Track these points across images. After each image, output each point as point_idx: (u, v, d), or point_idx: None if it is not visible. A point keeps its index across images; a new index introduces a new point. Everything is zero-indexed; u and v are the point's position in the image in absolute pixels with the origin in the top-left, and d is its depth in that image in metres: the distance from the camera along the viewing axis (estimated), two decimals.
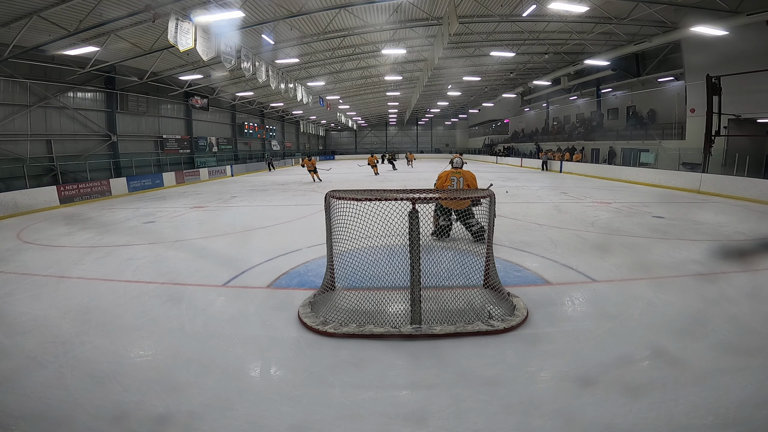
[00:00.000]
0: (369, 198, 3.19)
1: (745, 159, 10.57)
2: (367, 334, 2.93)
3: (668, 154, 14.98)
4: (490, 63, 20.15)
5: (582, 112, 23.90)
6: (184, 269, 4.79)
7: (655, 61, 17.37)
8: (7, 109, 11.89)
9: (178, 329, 3.23)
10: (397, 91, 26.74)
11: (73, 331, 3.18)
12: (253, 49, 13.38)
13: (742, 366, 2.50)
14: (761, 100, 11.69)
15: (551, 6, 11.22)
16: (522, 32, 14.97)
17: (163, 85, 17.77)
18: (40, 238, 6.88)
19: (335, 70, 19.55)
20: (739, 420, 2.02)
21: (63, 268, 4.94)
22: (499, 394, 2.30)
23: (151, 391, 2.36)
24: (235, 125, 26.30)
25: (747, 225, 6.90)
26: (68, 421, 2.13)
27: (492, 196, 3.33)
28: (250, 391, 2.41)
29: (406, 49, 15.97)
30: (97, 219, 9.00)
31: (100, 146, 15.29)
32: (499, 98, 31.21)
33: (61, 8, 9.00)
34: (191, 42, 9.18)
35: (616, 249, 5.33)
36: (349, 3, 11.29)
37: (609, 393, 2.27)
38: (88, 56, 12.12)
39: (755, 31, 11.33)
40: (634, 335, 2.95)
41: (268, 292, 3.96)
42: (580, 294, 3.84)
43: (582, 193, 11.47)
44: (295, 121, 37.71)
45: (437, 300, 3.38)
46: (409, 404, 2.28)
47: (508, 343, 2.85)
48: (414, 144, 48.05)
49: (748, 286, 3.87)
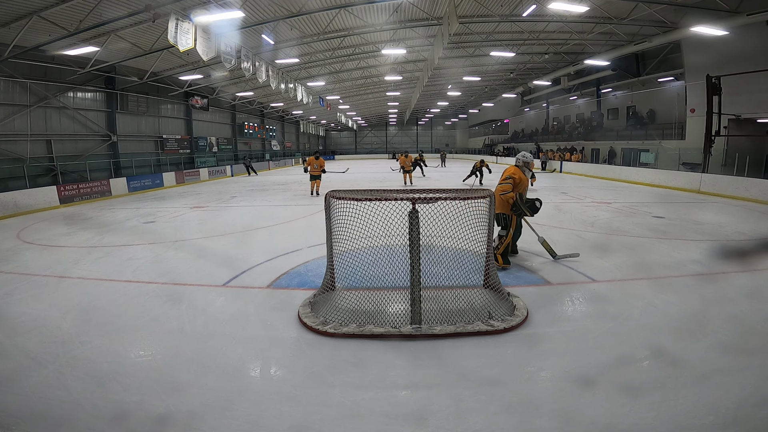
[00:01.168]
0: (369, 198, 3.19)
1: (745, 159, 10.57)
2: (367, 334, 2.93)
3: (668, 154, 14.99)
4: (490, 63, 20.15)
5: (582, 112, 23.90)
6: (184, 269, 4.79)
7: (655, 61, 17.37)
8: (7, 109, 11.89)
9: (178, 329, 3.23)
10: (397, 91, 26.74)
11: (73, 331, 3.18)
12: (253, 49, 13.38)
13: (742, 366, 2.50)
14: (761, 100, 11.70)
15: (551, 6, 11.22)
16: (522, 32, 14.97)
17: (163, 85, 17.76)
18: (40, 238, 6.87)
19: (335, 70, 19.55)
20: (739, 420, 2.02)
21: (63, 268, 4.94)
22: (499, 394, 2.30)
23: (151, 391, 2.36)
24: (235, 125, 26.30)
25: (747, 225, 6.90)
26: (68, 421, 2.13)
27: (492, 195, 3.32)
28: (250, 391, 2.41)
29: (406, 49, 15.97)
30: (97, 219, 9.00)
31: (100, 146, 15.28)
32: (499, 98, 31.21)
33: (61, 8, 9.00)
34: (191, 42, 9.18)
35: (616, 249, 5.33)
36: (349, 3, 11.29)
37: (609, 393, 2.27)
38: (88, 56, 12.11)
39: (755, 31, 11.34)
40: (634, 335, 2.94)
41: (268, 292, 3.96)
42: (580, 294, 3.84)
43: (582, 193, 11.47)
44: (295, 121, 37.70)
45: (437, 300, 3.38)
46: (409, 404, 2.28)
47: (508, 343, 2.85)
48: (414, 144, 48.03)
49: (748, 286, 3.87)
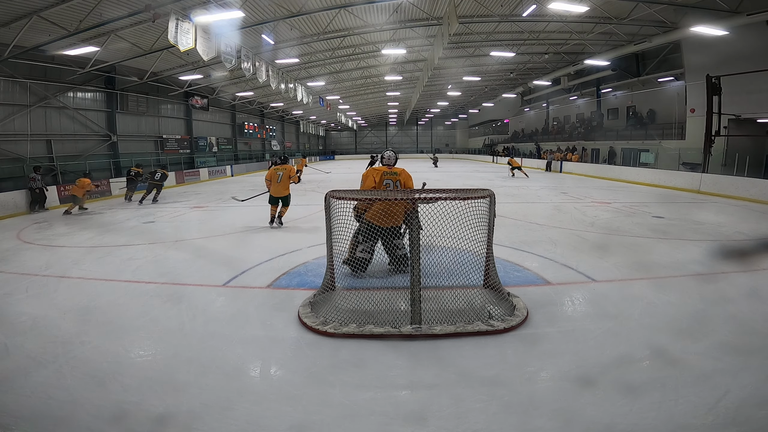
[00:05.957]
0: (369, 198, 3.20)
1: (745, 159, 10.57)
2: (367, 334, 2.93)
3: (668, 154, 14.99)
4: (490, 63, 20.15)
5: (582, 112, 23.90)
6: (184, 269, 4.79)
7: (655, 61, 17.38)
8: (7, 109, 11.89)
9: (178, 329, 3.22)
10: (397, 91, 26.75)
11: (73, 331, 3.18)
12: (253, 49, 13.38)
13: (742, 366, 2.49)
14: (761, 100, 11.70)
15: (551, 6, 11.22)
16: (522, 32, 14.97)
17: (163, 85, 17.77)
18: (40, 238, 6.87)
19: (335, 70, 19.55)
20: (739, 420, 2.01)
21: (63, 268, 4.94)
22: (499, 394, 2.30)
23: (151, 391, 2.36)
24: (235, 125, 26.30)
25: (747, 225, 6.90)
26: (68, 421, 2.12)
27: (492, 195, 3.32)
28: (250, 391, 2.41)
29: (406, 49, 15.97)
30: (97, 219, 9.00)
31: (100, 146, 15.29)
32: (499, 98, 31.21)
33: (61, 8, 9.00)
34: (191, 42, 9.19)
35: (616, 249, 5.33)
36: (349, 3, 11.29)
37: (609, 393, 2.27)
38: (88, 56, 12.12)
39: (755, 31, 11.34)
40: (634, 335, 2.94)
41: (268, 292, 3.96)
42: (580, 294, 3.84)
43: (582, 193, 11.46)
44: (295, 121, 37.71)
45: (437, 300, 3.38)
46: (409, 404, 2.28)
47: (508, 343, 2.85)
48: (414, 144, 48.05)
49: (748, 286, 3.87)
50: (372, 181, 4.28)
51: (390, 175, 4.32)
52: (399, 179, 4.30)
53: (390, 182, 4.28)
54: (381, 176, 4.30)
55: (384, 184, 4.28)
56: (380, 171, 4.34)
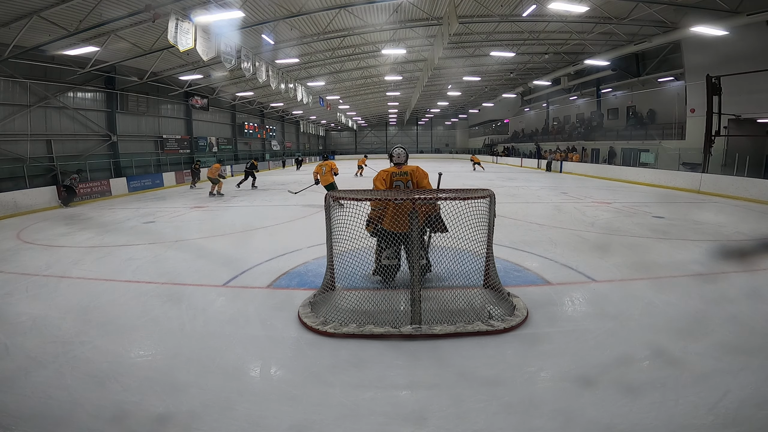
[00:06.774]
0: (369, 198, 3.20)
1: (745, 159, 10.57)
2: (367, 334, 2.93)
3: (668, 154, 14.98)
4: (490, 63, 20.15)
5: (582, 112, 23.90)
6: (184, 269, 4.79)
7: (655, 61, 17.37)
8: (7, 109, 11.88)
9: (178, 329, 3.23)
10: (397, 91, 26.75)
11: (73, 331, 3.18)
12: (253, 49, 13.38)
13: (742, 366, 2.49)
14: (761, 100, 11.70)
15: (551, 6, 11.22)
16: (522, 32, 14.97)
17: (163, 85, 17.76)
18: (40, 238, 6.87)
19: (335, 70, 19.55)
20: (739, 420, 2.01)
21: (63, 268, 4.94)
22: (499, 394, 2.30)
23: (151, 391, 2.36)
24: (235, 125, 26.29)
25: (747, 225, 6.90)
26: (68, 421, 2.12)
27: (492, 195, 3.32)
28: (250, 391, 2.41)
29: (406, 49, 15.97)
30: (97, 219, 9.00)
31: (100, 146, 15.28)
32: (499, 98, 31.22)
33: (61, 8, 9.00)
34: (191, 42, 9.18)
35: (616, 249, 5.33)
36: (349, 3, 11.29)
37: (609, 393, 2.27)
38: (88, 56, 12.11)
39: (755, 31, 11.34)
40: (634, 335, 2.94)
41: (268, 292, 3.96)
42: (580, 294, 3.84)
43: (582, 193, 11.47)
44: (295, 121, 37.70)
45: (437, 300, 3.38)
46: (409, 404, 2.28)
47: (508, 343, 2.85)
48: (414, 144, 48.03)
49: (748, 286, 3.87)
50: (381, 185, 3.94)
51: (400, 175, 3.95)
52: (410, 179, 3.94)
53: (401, 183, 3.93)
54: (390, 178, 3.96)
55: (394, 186, 3.94)
56: (389, 172, 4.01)
